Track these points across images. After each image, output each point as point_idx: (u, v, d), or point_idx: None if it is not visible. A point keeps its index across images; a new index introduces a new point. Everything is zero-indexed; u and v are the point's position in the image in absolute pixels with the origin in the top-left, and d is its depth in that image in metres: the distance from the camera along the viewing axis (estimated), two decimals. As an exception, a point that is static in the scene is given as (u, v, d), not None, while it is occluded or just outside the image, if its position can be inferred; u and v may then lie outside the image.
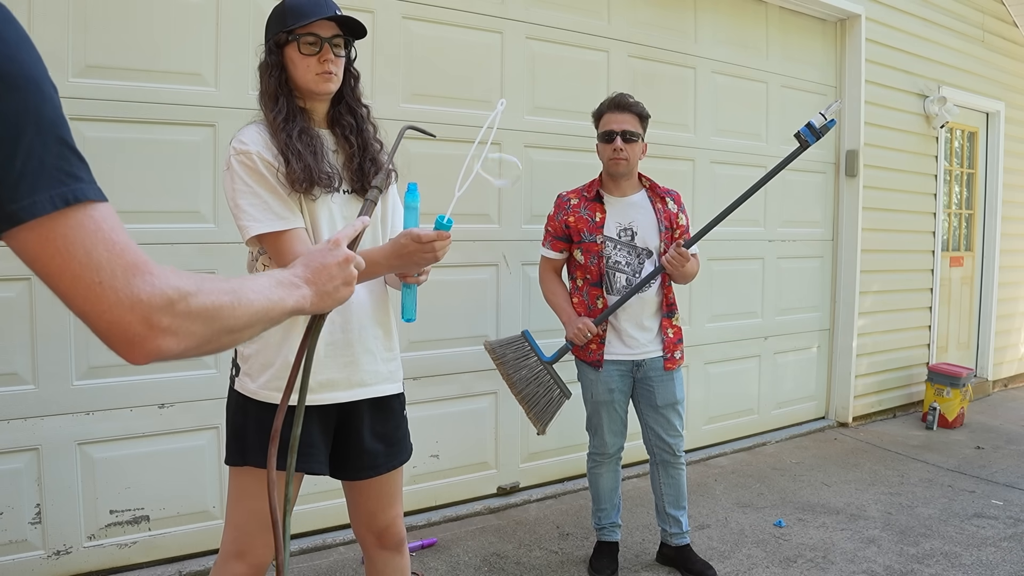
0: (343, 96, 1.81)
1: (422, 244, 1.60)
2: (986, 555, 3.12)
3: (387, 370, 1.85)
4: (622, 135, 2.73)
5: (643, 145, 2.81)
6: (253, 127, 1.71)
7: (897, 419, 5.38)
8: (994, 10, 6.01)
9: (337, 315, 1.73)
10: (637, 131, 2.76)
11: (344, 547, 3.03)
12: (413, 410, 3.31)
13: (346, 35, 1.77)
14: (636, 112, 2.77)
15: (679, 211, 2.86)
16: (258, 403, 1.71)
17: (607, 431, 2.86)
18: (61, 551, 2.61)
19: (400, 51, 3.20)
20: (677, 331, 2.85)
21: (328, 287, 1.09)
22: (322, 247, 1.13)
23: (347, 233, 1.20)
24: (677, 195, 2.91)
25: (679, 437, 2.87)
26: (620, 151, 2.73)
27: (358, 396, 1.78)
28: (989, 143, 6.20)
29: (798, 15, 4.74)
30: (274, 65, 1.71)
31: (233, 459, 1.74)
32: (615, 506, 2.98)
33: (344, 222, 1.75)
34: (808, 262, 4.92)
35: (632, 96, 2.82)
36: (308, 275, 1.07)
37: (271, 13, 1.75)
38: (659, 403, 2.81)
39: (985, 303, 6.30)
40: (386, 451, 1.86)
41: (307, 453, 1.71)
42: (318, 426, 1.74)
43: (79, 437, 2.63)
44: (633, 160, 2.77)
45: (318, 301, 1.08)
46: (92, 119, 2.59)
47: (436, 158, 3.32)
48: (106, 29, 2.59)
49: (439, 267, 3.36)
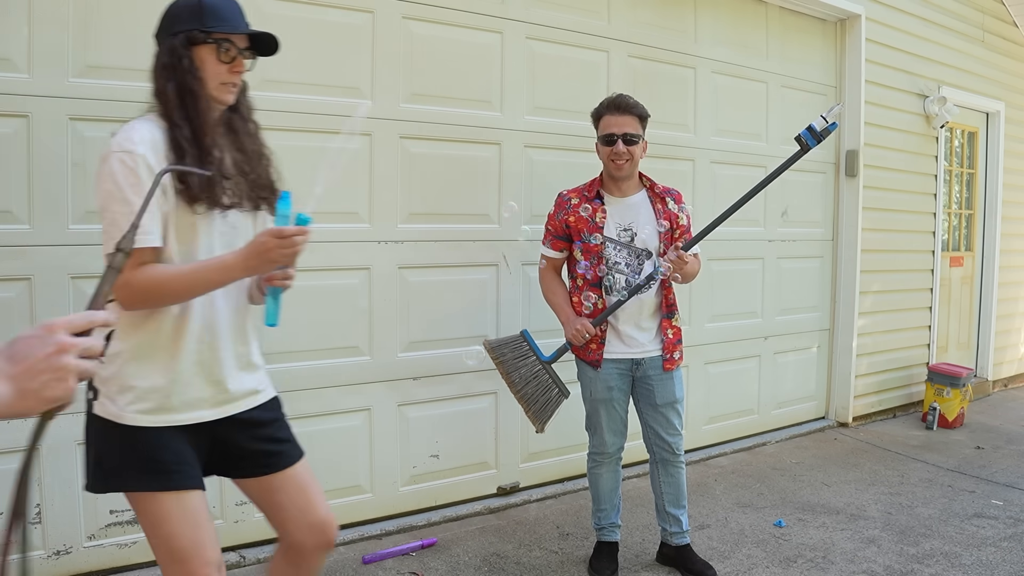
0: (238, 106, 1.74)
1: (282, 239, 1.53)
2: (986, 555, 3.12)
3: (254, 382, 1.78)
4: (623, 138, 2.72)
5: (644, 144, 2.79)
6: (146, 123, 1.60)
7: (897, 419, 5.38)
8: (994, 10, 6.01)
9: (205, 332, 1.66)
10: (638, 133, 2.74)
11: (344, 547, 3.03)
12: (413, 410, 3.34)
13: (255, 51, 1.71)
14: (636, 113, 2.75)
15: (679, 210, 2.84)
16: (123, 427, 1.60)
17: (606, 430, 2.85)
18: (61, 551, 2.61)
19: (400, 51, 3.20)
20: (677, 331, 2.85)
21: (31, 384, 0.89)
22: (34, 332, 0.92)
23: (72, 321, 0.97)
24: (678, 194, 2.89)
25: (678, 436, 2.87)
26: (621, 154, 2.72)
27: (226, 413, 1.70)
28: (989, 143, 6.20)
29: (798, 15, 4.74)
30: (190, 61, 1.59)
31: (101, 486, 1.65)
32: (615, 506, 2.98)
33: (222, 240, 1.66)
34: (808, 262, 4.92)
35: (631, 96, 2.81)
36: (7, 367, 0.89)
37: (179, 5, 1.63)
38: (658, 402, 2.81)
39: (985, 303, 6.30)
40: (279, 447, 1.79)
41: (179, 471, 1.61)
42: (189, 442, 1.65)
43: (79, 437, 2.60)
44: (635, 162, 2.76)
45: (17, 401, 0.89)
46: (92, 119, 2.58)
47: (436, 158, 3.33)
48: (106, 29, 2.59)
49: (439, 267, 3.38)
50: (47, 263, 2.55)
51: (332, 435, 3.12)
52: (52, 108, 2.52)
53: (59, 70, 2.52)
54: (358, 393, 3.18)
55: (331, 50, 3.04)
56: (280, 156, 2.93)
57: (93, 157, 2.58)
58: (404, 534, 3.19)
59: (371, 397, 3.21)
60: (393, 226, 3.22)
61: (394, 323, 3.25)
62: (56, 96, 2.52)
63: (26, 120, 2.49)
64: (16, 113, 2.47)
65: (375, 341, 3.21)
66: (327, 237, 3.07)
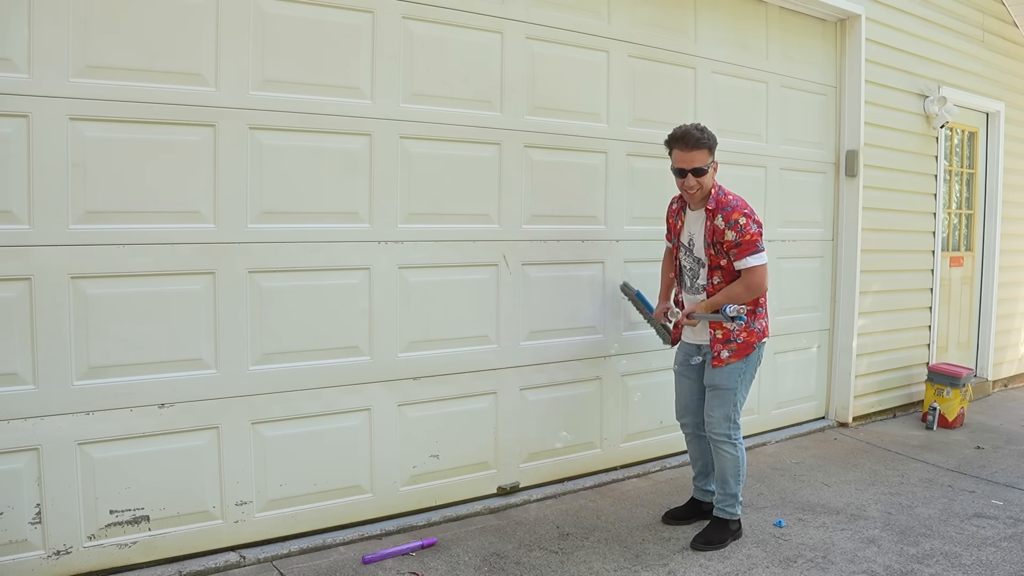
0: None
1: None
2: (986, 555, 3.12)
3: None
4: (693, 172, 3.03)
5: (715, 165, 3.09)
6: None
7: (897, 419, 5.38)
8: (994, 10, 6.01)
9: None
10: (705, 165, 3.03)
11: (344, 547, 3.03)
12: (413, 410, 3.34)
13: None
14: (705, 147, 3.03)
15: (726, 227, 3.01)
16: None
17: (676, 401, 3.40)
18: (61, 551, 2.61)
19: (400, 51, 3.20)
20: (726, 333, 3.10)
21: None
22: None
23: None
24: (732, 209, 3.03)
25: (714, 419, 3.16)
26: (692, 186, 3.06)
27: None
28: (989, 143, 6.20)
29: (798, 15, 4.74)
30: None
31: None
32: (699, 472, 3.41)
33: None
34: (808, 262, 4.92)
35: (698, 129, 3.04)
36: None
37: None
38: (706, 382, 3.19)
39: (985, 303, 6.30)
40: None
41: None
42: None
43: (79, 437, 2.63)
44: (706, 188, 3.08)
45: None
46: (92, 119, 2.58)
47: (436, 158, 3.33)
48: (106, 29, 2.59)
49: (439, 267, 3.38)
50: (47, 263, 2.54)
51: (332, 435, 3.12)
52: (52, 108, 2.52)
53: (59, 70, 2.52)
54: (358, 393, 3.18)
55: (331, 50, 3.04)
56: (280, 156, 2.96)
57: (93, 157, 2.60)
58: (404, 534, 3.19)
59: (371, 397, 3.21)
60: (393, 226, 3.22)
61: (394, 323, 3.25)
62: (56, 96, 2.52)
63: (26, 120, 2.49)
64: (16, 113, 2.47)
65: (375, 341, 3.21)
66: (327, 237, 3.07)
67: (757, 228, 3.02)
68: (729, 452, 3.15)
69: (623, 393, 3.99)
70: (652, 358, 4.06)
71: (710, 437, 3.19)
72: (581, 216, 3.81)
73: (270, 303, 2.96)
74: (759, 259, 3.01)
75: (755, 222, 3.03)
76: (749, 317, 3.10)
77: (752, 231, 3.00)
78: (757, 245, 3.00)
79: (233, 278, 2.87)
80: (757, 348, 3.16)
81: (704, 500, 3.39)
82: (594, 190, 3.84)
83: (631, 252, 3.96)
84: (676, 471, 4.04)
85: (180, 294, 2.79)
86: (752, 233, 3.00)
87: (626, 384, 3.99)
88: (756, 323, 3.13)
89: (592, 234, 3.84)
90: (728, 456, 3.15)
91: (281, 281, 2.98)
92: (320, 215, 3.06)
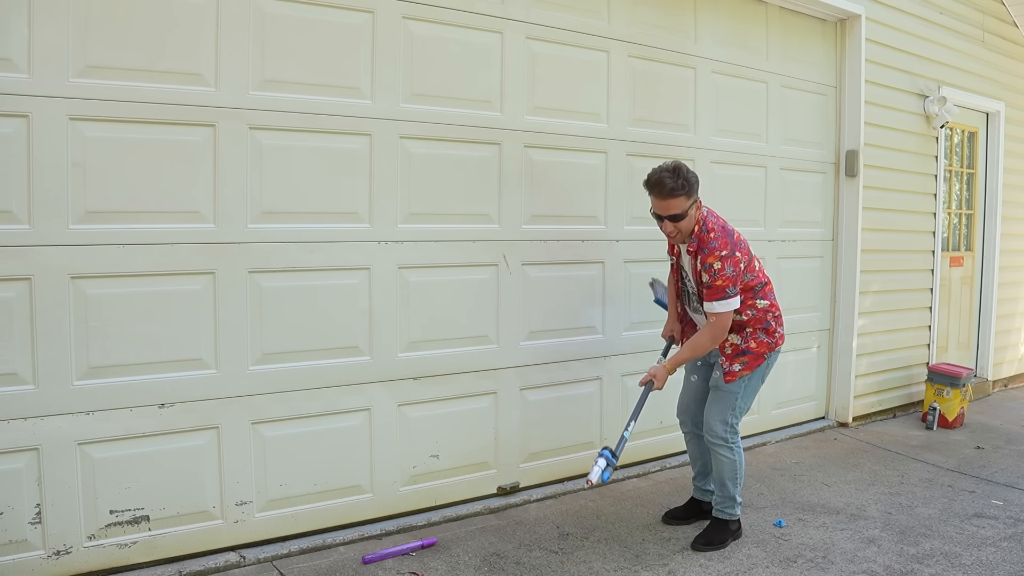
0: None
1: None
2: (986, 555, 3.12)
3: None
4: (670, 219, 3.00)
5: (697, 204, 3.02)
6: None
7: (897, 419, 5.38)
8: (994, 10, 6.01)
9: None
10: (682, 210, 2.97)
11: (344, 547, 3.03)
12: (413, 410, 3.34)
13: None
14: (681, 195, 2.95)
15: (702, 268, 3.00)
16: None
17: (678, 400, 3.43)
18: (61, 551, 2.61)
19: (400, 51, 3.20)
20: (735, 347, 3.12)
21: None
22: None
23: None
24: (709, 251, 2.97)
25: (711, 421, 3.16)
26: (671, 233, 3.05)
27: None
28: (989, 143, 6.20)
29: (798, 15, 4.74)
30: None
31: None
32: (698, 472, 3.42)
33: None
34: (808, 262, 4.92)
35: (672, 176, 2.95)
36: None
37: None
38: (711, 383, 3.22)
39: (985, 303, 6.30)
40: None
41: None
42: None
43: (79, 437, 2.63)
44: (686, 231, 3.04)
45: None
46: (92, 119, 2.58)
47: (436, 158, 3.33)
48: (106, 29, 2.59)
49: (439, 267, 3.38)
50: (47, 263, 2.55)
51: (332, 435, 3.12)
52: (52, 108, 2.52)
53: (59, 70, 2.52)
54: (358, 393, 3.18)
55: (331, 50, 3.04)
56: (280, 156, 2.96)
57: (93, 157, 2.60)
58: (404, 534, 3.19)
59: (371, 397, 3.21)
60: (393, 226, 3.22)
61: (394, 323, 3.25)
62: (56, 96, 2.52)
63: (26, 120, 2.49)
64: (16, 113, 2.47)
65: (375, 341, 3.21)
66: (327, 237, 3.07)
67: (733, 271, 2.95)
68: (726, 456, 3.14)
69: (623, 393, 3.98)
70: (652, 358, 4.05)
71: (707, 440, 3.19)
72: (581, 216, 3.81)
73: (270, 303, 2.96)
74: (725, 306, 2.96)
75: (731, 264, 2.95)
76: (758, 328, 3.11)
77: (726, 275, 2.94)
78: (726, 291, 2.95)
79: (233, 278, 2.87)
80: (768, 358, 3.16)
81: (704, 500, 3.39)
82: (594, 190, 3.84)
83: (631, 252, 3.96)
84: (676, 471, 4.04)
85: (180, 294, 2.79)
86: (725, 278, 2.94)
87: (626, 384, 3.99)
88: (765, 335, 3.13)
89: (592, 234, 3.84)
90: (725, 460, 3.14)
91: (281, 281, 2.98)
92: (320, 215, 3.06)
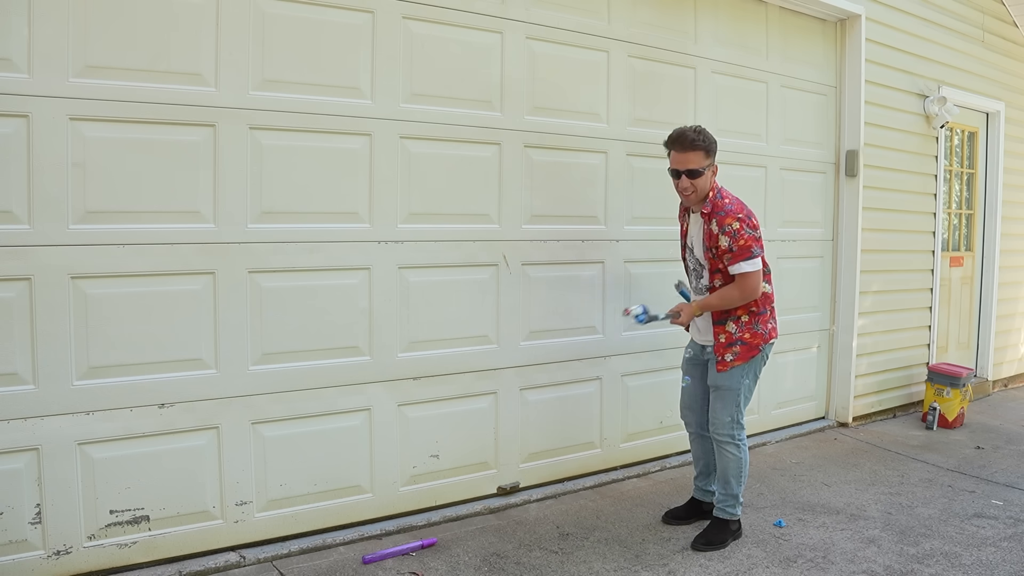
0: None
1: None
2: (986, 555, 3.12)
3: None
4: (686, 173, 3.02)
5: (713, 168, 3.07)
6: None
7: (897, 419, 5.38)
8: (994, 10, 6.01)
9: None
10: (701, 167, 3.01)
11: (344, 547, 3.03)
12: (413, 410, 3.34)
13: None
14: (700, 148, 3.01)
15: (720, 232, 3.00)
16: None
17: (680, 399, 3.41)
18: (61, 551, 2.61)
19: (400, 51, 3.20)
20: (729, 336, 3.12)
21: None
22: None
23: None
24: (727, 213, 3.01)
25: (717, 420, 3.17)
26: (686, 188, 3.05)
27: None
28: (989, 143, 6.20)
29: (798, 15, 4.74)
30: None
31: None
32: (700, 471, 3.42)
33: None
34: (808, 262, 4.92)
35: (694, 131, 3.02)
36: None
37: None
38: (710, 382, 3.22)
39: (985, 303, 6.30)
40: None
41: None
42: None
43: (79, 437, 2.63)
44: (701, 191, 3.05)
45: None
46: (92, 119, 2.58)
47: (436, 158, 3.33)
48: (106, 29, 2.59)
49: (439, 267, 3.38)
50: (47, 263, 2.55)
51: (332, 435, 3.12)
52: (52, 108, 2.52)
53: (59, 70, 2.52)
54: (358, 393, 3.18)
55: (331, 50, 3.04)
56: (280, 156, 2.96)
57: (93, 157, 2.60)
58: (404, 534, 3.19)
59: (371, 397, 3.21)
60: (393, 226, 3.22)
61: (394, 323, 3.25)
62: (56, 96, 2.52)
63: (26, 120, 2.49)
64: (16, 113, 2.47)
65: (375, 341, 3.21)
66: (327, 237, 3.07)
67: (752, 233, 2.99)
68: (733, 453, 3.15)
69: (623, 393, 3.99)
70: (652, 358, 4.07)
71: (714, 438, 3.20)
72: (581, 216, 3.81)
73: (270, 303, 2.96)
74: (752, 265, 2.98)
75: (751, 226, 3.00)
76: (753, 319, 3.11)
77: (746, 236, 2.97)
78: (751, 251, 2.98)
79: (233, 278, 2.87)
80: (762, 350, 3.16)
81: (704, 500, 3.39)
82: (594, 190, 3.84)
83: (631, 252, 3.96)
84: (676, 471, 4.04)
85: (180, 294, 2.79)
86: (746, 238, 2.97)
87: (626, 384, 3.99)
88: (760, 325, 3.13)
89: (592, 234, 3.84)
90: (731, 457, 3.15)
91: (281, 281, 2.98)
92: (320, 215, 3.06)
